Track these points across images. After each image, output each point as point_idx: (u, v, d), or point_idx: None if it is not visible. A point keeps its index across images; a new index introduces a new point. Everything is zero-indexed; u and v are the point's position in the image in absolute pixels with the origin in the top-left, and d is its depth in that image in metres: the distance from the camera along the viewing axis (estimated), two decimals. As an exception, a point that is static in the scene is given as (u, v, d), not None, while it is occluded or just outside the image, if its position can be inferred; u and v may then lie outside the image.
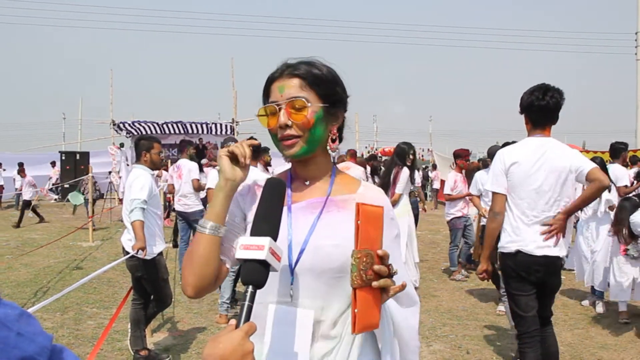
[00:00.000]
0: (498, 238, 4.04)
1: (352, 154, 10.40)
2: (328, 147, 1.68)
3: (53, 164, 24.46)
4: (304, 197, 1.66)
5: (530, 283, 3.88)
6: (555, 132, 4.06)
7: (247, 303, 1.31)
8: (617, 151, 8.02)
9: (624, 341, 5.89)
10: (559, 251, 3.84)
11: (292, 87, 1.58)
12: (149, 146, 5.26)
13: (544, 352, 3.96)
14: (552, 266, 3.85)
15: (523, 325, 3.94)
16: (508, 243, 3.94)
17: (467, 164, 9.07)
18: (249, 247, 1.35)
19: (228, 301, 6.50)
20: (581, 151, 16.78)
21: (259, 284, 1.34)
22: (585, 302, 7.24)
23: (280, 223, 1.43)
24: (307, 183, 1.69)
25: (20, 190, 17.80)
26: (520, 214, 3.88)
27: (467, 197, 8.50)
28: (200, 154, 21.58)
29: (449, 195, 8.81)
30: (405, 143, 7.42)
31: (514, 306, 3.98)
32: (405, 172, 7.02)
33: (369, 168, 11.09)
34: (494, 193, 4.02)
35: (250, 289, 1.33)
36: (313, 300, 1.55)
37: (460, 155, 9.05)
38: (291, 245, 1.57)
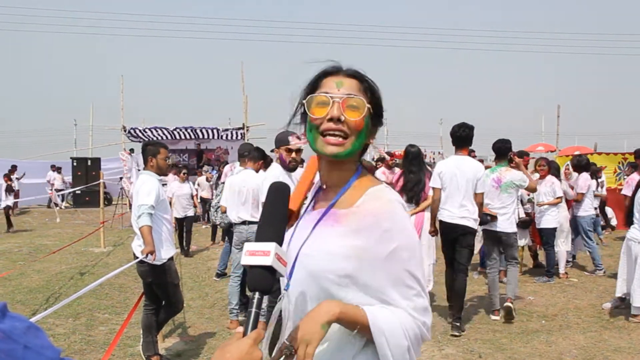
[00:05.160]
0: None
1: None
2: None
3: (54, 167, 24.32)
4: (317, 205, 1.69)
5: (448, 240, 6.39)
6: (564, 134, 4.10)
7: (254, 310, 1.28)
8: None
9: (637, 344, 5.83)
10: (468, 222, 6.21)
11: (350, 85, 1.57)
12: (155, 152, 5.27)
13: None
14: (460, 230, 6.21)
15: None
16: (441, 216, 6.38)
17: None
18: (255, 253, 1.33)
19: (237, 307, 6.50)
20: (592, 153, 16.68)
21: (266, 290, 1.31)
22: (607, 305, 7.12)
23: (286, 227, 1.43)
24: (324, 187, 1.69)
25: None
26: (447, 201, 6.28)
27: None
28: (200, 159, 21.66)
29: None
30: (413, 145, 7.41)
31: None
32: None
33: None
34: (433, 187, 6.47)
35: (257, 295, 1.30)
36: (303, 305, 1.56)
37: None
38: (288, 252, 1.58)
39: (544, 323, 6.54)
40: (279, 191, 1.47)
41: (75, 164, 23.79)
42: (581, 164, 9.44)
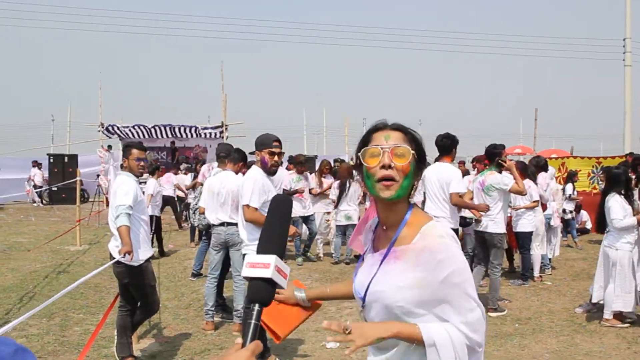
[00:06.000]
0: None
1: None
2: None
3: (35, 163, 23.96)
4: (379, 245, 1.99)
5: None
6: (543, 136, 4.27)
7: (253, 322, 1.30)
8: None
9: (608, 348, 5.92)
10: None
11: (396, 137, 1.89)
12: (127, 153, 5.26)
13: None
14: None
15: None
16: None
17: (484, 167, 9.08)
18: (255, 265, 1.36)
19: (213, 308, 6.50)
20: (569, 156, 16.90)
21: (265, 302, 1.35)
22: (579, 309, 7.22)
23: (287, 240, 1.51)
24: (385, 229, 1.96)
25: None
26: (427, 203, 6.76)
27: None
28: (174, 157, 21.54)
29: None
30: None
31: None
32: None
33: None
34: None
35: (256, 307, 1.33)
36: None
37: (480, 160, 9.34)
38: (360, 285, 1.97)
39: (518, 327, 6.61)
40: (281, 204, 1.51)
41: (52, 160, 23.54)
42: (540, 165, 9.67)
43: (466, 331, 1.79)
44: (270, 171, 5.23)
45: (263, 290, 1.34)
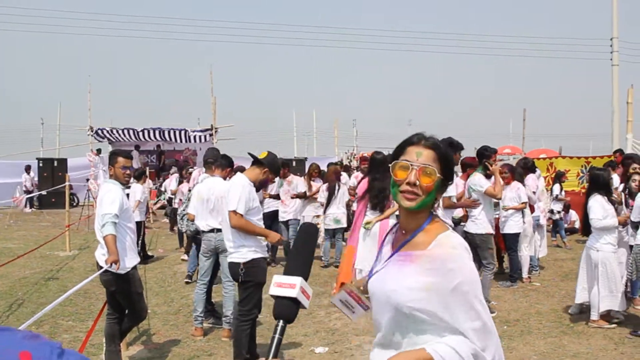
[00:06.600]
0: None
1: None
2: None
3: (27, 168, 23.74)
4: (396, 247, 2.09)
5: None
6: (532, 135, 4.38)
7: (277, 336, 1.45)
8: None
9: (596, 349, 5.97)
10: None
11: (427, 156, 1.99)
12: (113, 161, 5.25)
13: None
14: None
15: None
16: None
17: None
18: (282, 284, 1.52)
19: (202, 314, 6.50)
20: (557, 156, 16.99)
21: (290, 319, 1.49)
22: (574, 310, 7.23)
23: (312, 264, 1.67)
24: (404, 233, 2.07)
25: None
26: None
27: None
28: (159, 160, 21.49)
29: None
30: (379, 152, 7.50)
31: None
32: None
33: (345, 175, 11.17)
34: None
35: (281, 323, 1.47)
36: (390, 323, 2.02)
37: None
38: (375, 283, 2.09)
39: (506, 329, 6.65)
40: (309, 234, 1.72)
41: (41, 164, 23.36)
42: (527, 166, 9.77)
43: (472, 337, 1.89)
44: (263, 186, 5.46)
45: (288, 309, 1.49)
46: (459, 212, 8.11)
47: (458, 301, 1.89)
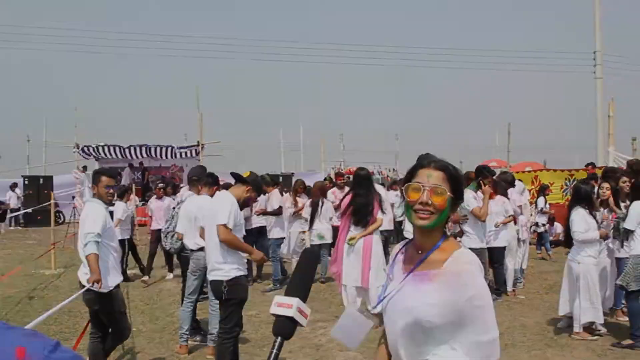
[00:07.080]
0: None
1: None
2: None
3: (13, 186, 23.48)
4: (410, 266, 2.17)
5: None
6: (518, 147, 4.47)
7: (275, 351, 1.57)
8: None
9: (579, 362, 6.02)
10: None
11: (437, 177, 2.10)
12: (97, 180, 5.25)
13: None
14: None
15: None
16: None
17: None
18: (282, 304, 1.65)
19: (187, 332, 6.48)
20: (542, 169, 17.13)
21: (287, 336, 1.62)
22: (563, 324, 7.28)
23: (311, 286, 1.80)
24: (419, 252, 2.15)
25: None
26: None
27: None
28: (143, 176, 21.40)
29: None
30: (363, 169, 7.55)
31: None
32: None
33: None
34: None
35: (279, 339, 1.60)
36: (409, 337, 2.07)
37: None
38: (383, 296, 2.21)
39: (490, 342, 6.66)
40: (311, 257, 1.90)
41: (26, 182, 23.23)
42: (508, 180, 9.86)
43: (482, 350, 2.01)
44: (247, 205, 5.65)
45: (286, 326, 1.62)
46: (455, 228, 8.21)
47: (470, 314, 1.99)
